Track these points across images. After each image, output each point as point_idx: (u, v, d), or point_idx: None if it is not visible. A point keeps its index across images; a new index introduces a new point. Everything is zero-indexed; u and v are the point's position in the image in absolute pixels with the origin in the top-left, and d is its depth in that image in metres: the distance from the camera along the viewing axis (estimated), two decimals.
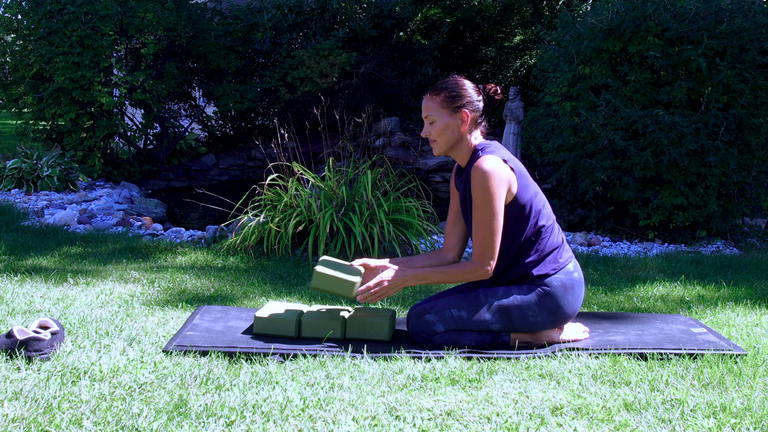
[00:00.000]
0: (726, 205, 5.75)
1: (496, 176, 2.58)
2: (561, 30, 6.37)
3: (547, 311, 2.69)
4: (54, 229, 5.23)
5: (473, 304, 2.70)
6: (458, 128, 2.69)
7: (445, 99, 2.68)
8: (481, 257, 2.61)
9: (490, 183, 2.57)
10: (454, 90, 2.69)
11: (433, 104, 2.69)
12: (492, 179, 2.57)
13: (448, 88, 2.69)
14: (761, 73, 5.48)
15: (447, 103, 2.68)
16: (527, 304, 2.68)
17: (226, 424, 1.99)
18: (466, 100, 2.68)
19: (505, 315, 2.69)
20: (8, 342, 2.44)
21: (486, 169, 2.58)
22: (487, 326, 2.70)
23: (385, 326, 2.76)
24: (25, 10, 8.15)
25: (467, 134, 2.71)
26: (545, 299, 2.68)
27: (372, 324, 2.76)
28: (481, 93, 2.73)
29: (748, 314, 3.39)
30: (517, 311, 2.68)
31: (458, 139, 2.71)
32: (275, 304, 2.96)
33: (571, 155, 6.02)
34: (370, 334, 2.76)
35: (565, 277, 2.71)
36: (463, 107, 2.68)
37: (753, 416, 2.13)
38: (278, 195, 4.80)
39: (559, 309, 2.69)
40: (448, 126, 2.69)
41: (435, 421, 2.06)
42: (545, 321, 2.70)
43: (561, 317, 2.72)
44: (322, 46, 9.84)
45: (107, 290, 3.50)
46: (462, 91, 2.68)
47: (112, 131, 8.43)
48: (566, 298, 2.70)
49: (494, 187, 2.57)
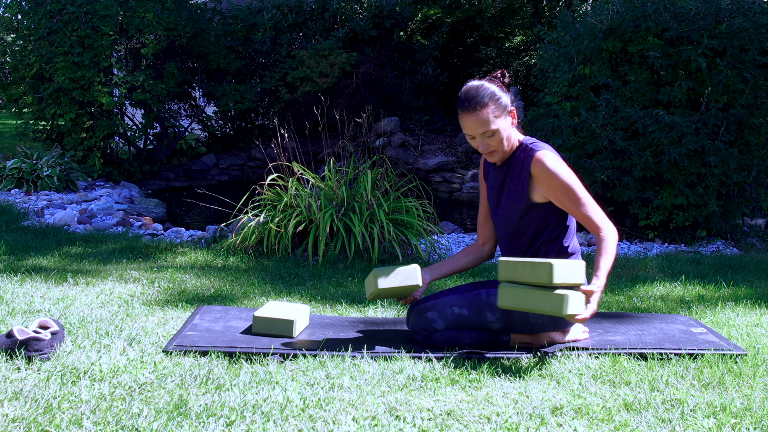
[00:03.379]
0: (726, 205, 5.75)
1: (559, 160, 2.65)
2: (561, 30, 6.37)
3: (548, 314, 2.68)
4: (54, 229, 5.23)
5: (475, 303, 2.70)
6: (509, 128, 2.70)
7: (495, 108, 2.65)
8: (607, 226, 2.61)
9: (563, 169, 2.62)
10: (494, 96, 2.65)
11: (485, 117, 2.64)
12: (562, 166, 2.63)
13: (491, 97, 2.65)
14: (761, 73, 5.48)
15: (498, 111, 2.65)
16: None
17: (226, 424, 1.99)
18: (508, 99, 2.69)
19: (506, 315, 2.69)
20: (8, 342, 2.44)
21: (552, 158, 2.63)
22: (487, 325, 2.70)
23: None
24: (25, 10, 8.16)
25: (514, 129, 2.74)
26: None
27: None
28: (504, 86, 2.73)
29: (748, 314, 3.39)
30: (518, 312, 2.68)
31: (510, 136, 2.73)
32: (275, 304, 2.96)
33: (571, 155, 6.02)
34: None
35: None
36: (510, 107, 2.69)
37: (753, 416, 2.13)
38: (278, 195, 4.80)
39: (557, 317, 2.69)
40: (506, 129, 2.69)
41: (435, 421, 2.06)
42: (546, 323, 2.71)
43: (563, 320, 2.72)
44: (322, 46, 9.84)
45: (107, 290, 3.50)
46: (500, 95, 2.67)
47: (112, 131, 8.43)
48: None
49: (566, 171, 2.63)
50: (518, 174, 2.69)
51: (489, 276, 4.19)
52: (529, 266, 2.49)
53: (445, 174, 9.57)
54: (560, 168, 2.61)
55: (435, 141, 10.43)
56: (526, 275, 2.50)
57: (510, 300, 2.51)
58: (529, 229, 2.70)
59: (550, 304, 2.43)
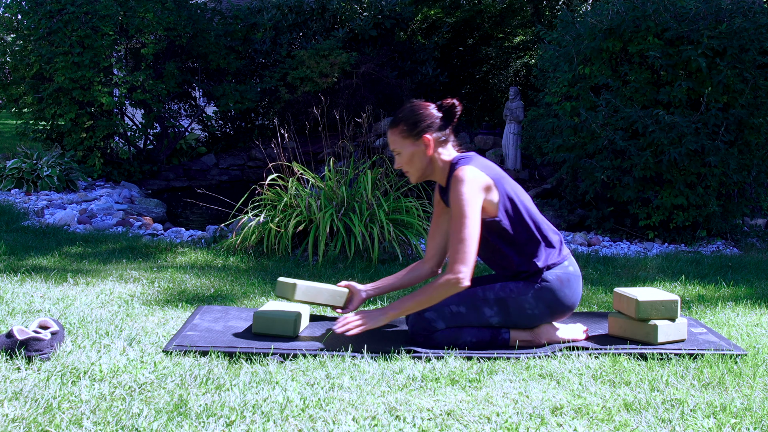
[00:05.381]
0: (726, 205, 5.75)
1: (469, 183, 2.58)
2: (561, 30, 6.37)
3: (545, 304, 2.71)
4: (54, 229, 5.23)
5: (471, 299, 2.71)
6: (424, 154, 2.69)
7: (404, 129, 2.68)
8: (453, 265, 2.58)
9: (465, 189, 2.58)
10: (411, 118, 2.68)
11: (395, 137, 2.70)
12: (466, 186, 2.58)
13: (405, 118, 2.69)
14: (761, 73, 5.48)
15: (407, 133, 2.68)
16: (524, 297, 2.70)
17: (226, 424, 1.99)
18: (424, 124, 2.67)
19: (503, 308, 2.70)
20: (8, 342, 2.44)
21: (460, 177, 2.59)
22: (486, 321, 2.71)
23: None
24: (25, 10, 8.15)
25: (436, 156, 2.71)
26: (542, 292, 2.70)
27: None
28: (440, 110, 2.72)
29: (748, 314, 3.39)
30: (514, 304, 2.70)
31: (428, 163, 2.72)
32: (275, 304, 2.96)
33: (571, 155, 6.02)
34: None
35: (560, 271, 2.73)
36: (424, 132, 2.67)
37: (753, 416, 2.13)
38: (278, 195, 4.80)
39: (557, 302, 2.72)
40: (414, 155, 2.70)
41: (435, 421, 2.06)
42: (543, 314, 2.72)
43: (559, 310, 2.74)
44: (322, 46, 9.84)
45: (107, 290, 3.50)
46: (418, 117, 2.68)
47: (112, 131, 8.43)
48: (563, 291, 2.72)
49: (469, 193, 2.57)
50: (449, 193, 2.71)
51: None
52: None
53: None
54: (462, 188, 2.58)
55: None
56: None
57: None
58: (501, 233, 2.71)
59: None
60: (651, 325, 2.74)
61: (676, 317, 2.78)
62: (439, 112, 2.70)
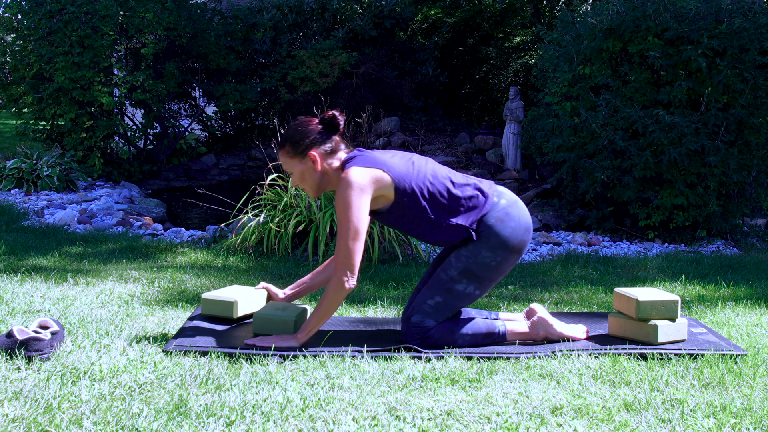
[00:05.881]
0: (726, 205, 5.75)
1: (352, 185, 2.58)
2: (561, 30, 6.37)
3: (500, 247, 2.70)
4: (54, 229, 5.23)
5: (440, 285, 2.71)
6: (313, 170, 2.70)
7: (290, 150, 2.70)
8: (339, 272, 2.59)
9: (346, 193, 2.58)
10: (293, 137, 2.69)
11: (283, 158, 2.73)
12: (348, 189, 2.58)
13: (289, 139, 2.70)
14: (761, 73, 5.48)
15: (293, 153, 2.69)
16: (480, 254, 2.69)
17: (226, 424, 1.99)
18: (307, 141, 2.68)
19: (470, 275, 2.70)
20: (8, 342, 2.44)
21: (343, 182, 2.59)
22: (464, 296, 2.72)
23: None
24: (25, 10, 8.15)
25: (327, 168, 2.71)
26: (490, 239, 2.69)
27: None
28: (321, 124, 2.72)
29: (748, 314, 3.39)
30: (476, 266, 2.70)
31: (321, 177, 2.72)
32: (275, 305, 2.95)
33: (571, 155, 6.02)
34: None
35: (495, 212, 2.72)
36: (308, 149, 2.68)
37: (753, 416, 2.13)
38: (278, 195, 4.80)
39: (509, 237, 2.70)
40: (304, 172, 2.71)
41: (435, 421, 2.06)
42: (506, 256, 2.71)
43: (516, 241, 2.72)
44: (322, 46, 9.85)
45: (107, 290, 3.50)
46: (300, 135, 2.69)
47: (112, 131, 8.43)
48: (508, 226, 2.71)
49: (351, 196, 2.57)
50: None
51: None
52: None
53: None
54: (343, 193, 2.58)
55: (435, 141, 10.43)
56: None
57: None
58: (416, 217, 2.71)
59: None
60: (651, 325, 2.74)
61: (676, 317, 2.79)
62: (320, 126, 2.71)
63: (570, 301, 3.66)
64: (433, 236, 2.77)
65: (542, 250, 5.27)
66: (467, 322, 2.73)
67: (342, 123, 2.73)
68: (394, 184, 2.65)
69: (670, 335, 2.76)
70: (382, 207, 2.70)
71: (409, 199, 2.67)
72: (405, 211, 2.70)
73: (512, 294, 3.80)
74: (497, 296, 3.75)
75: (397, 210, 2.70)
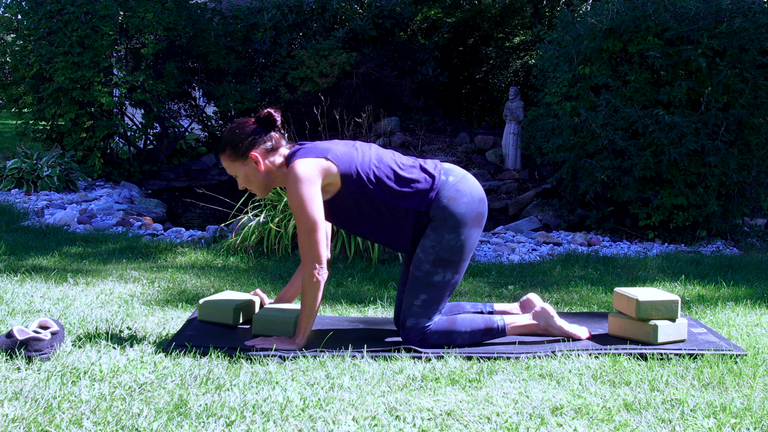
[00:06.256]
0: (726, 205, 5.75)
1: (301, 177, 2.57)
2: (561, 30, 6.37)
3: (459, 226, 2.67)
4: (54, 229, 5.23)
5: (419, 283, 2.70)
6: (256, 170, 2.70)
7: (230, 154, 2.69)
8: (307, 267, 2.59)
9: (296, 187, 2.57)
10: (232, 141, 2.68)
11: (226, 163, 2.72)
12: (297, 182, 2.57)
13: (227, 143, 2.69)
14: (761, 73, 5.48)
15: (234, 156, 2.68)
16: (441, 237, 2.67)
17: (226, 424, 1.99)
18: (246, 143, 2.67)
19: (442, 263, 2.68)
20: (8, 342, 2.44)
21: (291, 176, 2.59)
22: (445, 285, 2.70)
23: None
24: (25, 10, 8.15)
25: (270, 166, 2.71)
26: (448, 221, 2.67)
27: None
28: (257, 124, 2.72)
29: (748, 314, 3.39)
30: (444, 251, 2.67)
31: (265, 177, 2.72)
32: (275, 306, 2.95)
33: (571, 155, 6.02)
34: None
35: (445, 191, 2.69)
36: (248, 150, 2.67)
37: (753, 416, 2.13)
38: (278, 195, 4.80)
39: (464, 216, 2.68)
40: (248, 174, 2.71)
41: (435, 421, 2.06)
42: (467, 235, 2.69)
43: (474, 213, 2.70)
44: (322, 46, 9.85)
45: (107, 290, 3.50)
46: (238, 138, 2.67)
47: (112, 131, 8.43)
48: (461, 203, 2.69)
49: (301, 189, 2.56)
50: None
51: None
52: None
53: None
54: (293, 187, 2.57)
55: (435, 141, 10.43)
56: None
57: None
58: (369, 204, 2.68)
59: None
60: (651, 325, 2.74)
61: (676, 317, 2.79)
62: (257, 125, 2.71)
63: (570, 301, 3.66)
64: (383, 230, 2.74)
65: (542, 250, 5.27)
66: (464, 320, 2.73)
67: (278, 119, 2.71)
68: (340, 172, 2.63)
69: (670, 335, 2.76)
70: (331, 196, 2.67)
71: (356, 185, 2.64)
72: (353, 198, 2.67)
73: (512, 294, 3.81)
74: (497, 296, 3.75)
75: (345, 199, 2.67)
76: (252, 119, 2.73)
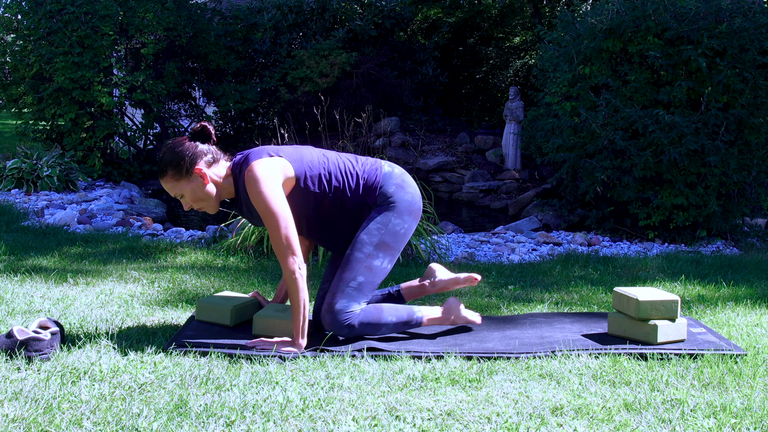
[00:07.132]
0: (726, 205, 5.75)
1: (263, 177, 2.59)
2: (561, 30, 6.37)
3: (405, 213, 2.78)
4: (54, 229, 5.23)
5: (359, 264, 2.72)
6: (203, 185, 2.69)
7: (173, 174, 2.66)
8: (285, 262, 2.60)
9: (260, 187, 2.58)
10: (173, 161, 2.66)
11: (169, 184, 2.69)
12: (260, 182, 2.58)
13: (168, 163, 2.66)
14: (761, 73, 5.48)
15: (178, 175, 2.66)
16: (388, 220, 2.75)
17: (226, 424, 1.99)
18: (188, 159, 2.66)
19: (384, 247, 2.74)
20: (8, 342, 2.44)
21: (252, 177, 2.59)
22: (380, 271, 2.74)
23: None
24: (25, 10, 8.15)
25: (215, 178, 2.71)
26: (396, 206, 2.77)
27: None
28: (194, 139, 2.72)
29: (748, 314, 3.39)
30: (389, 236, 2.74)
31: (212, 190, 2.71)
32: (274, 306, 2.95)
33: (571, 155, 6.02)
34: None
35: (392, 179, 2.80)
36: (192, 166, 2.66)
37: (753, 416, 2.13)
38: None
39: (411, 204, 2.81)
40: (195, 190, 2.69)
41: (435, 421, 2.06)
42: (410, 224, 2.81)
43: (417, 210, 2.83)
44: (322, 46, 9.85)
45: (107, 290, 3.50)
46: (179, 156, 2.66)
47: (112, 131, 8.43)
48: (408, 192, 2.81)
49: (263, 190, 2.58)
50: (247, 198, 2.70)
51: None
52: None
53: (445, 174, 9.57)
54: (257, 188, 2.58)
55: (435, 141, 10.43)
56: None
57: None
58: (313, 213, 2.74)
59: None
60: (651, 325, 2.74)
61: (676, 317, 2.79)
62: (193, 141, 2.70)
63: (570, 301, 3.66)
64: (327, 226, 2.78)
65: (542, 250, 5.27)
66: (390, 310, 2.76)
67: (213, 131, 2.73)
68: (295, 171, 2.68)
69: (670, 335, 2.76)
70: (287, 194, 2.69)
71: (310, 181, 2.70)
72: (303, 196, 2.71)
73: (512, 294, 3.80)
74: (497, 296, 3.75)
75: (299, 198, 2.71)
76: (186, 137, 2.73)
